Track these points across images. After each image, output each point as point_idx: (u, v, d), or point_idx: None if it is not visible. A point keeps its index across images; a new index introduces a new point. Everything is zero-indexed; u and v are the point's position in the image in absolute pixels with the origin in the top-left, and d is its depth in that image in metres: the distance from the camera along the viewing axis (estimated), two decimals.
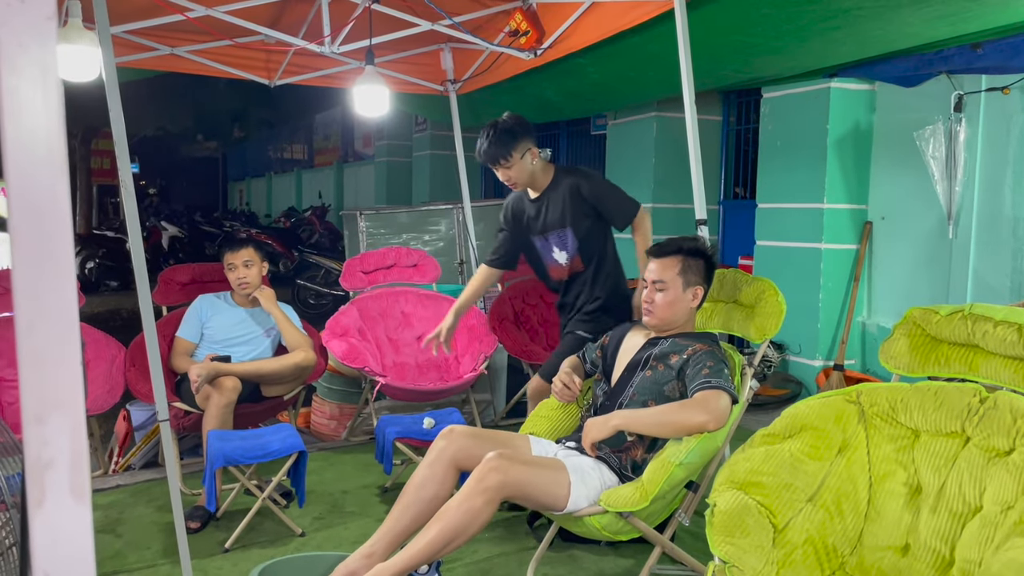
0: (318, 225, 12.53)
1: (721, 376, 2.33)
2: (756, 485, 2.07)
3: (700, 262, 2.53)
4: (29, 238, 0.45)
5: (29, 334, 0.45)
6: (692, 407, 2.28)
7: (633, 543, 2.79)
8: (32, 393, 0.45)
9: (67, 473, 0.46)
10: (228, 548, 2.98)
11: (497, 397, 4.96)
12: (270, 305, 3.68)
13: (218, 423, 3.31)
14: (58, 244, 0.46)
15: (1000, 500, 1.81)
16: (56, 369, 0.46)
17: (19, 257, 0.45)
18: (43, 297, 0.45)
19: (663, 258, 2.53)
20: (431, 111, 7.73)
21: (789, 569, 1.97)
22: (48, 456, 0.46)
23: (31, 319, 0.45)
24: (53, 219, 0.45)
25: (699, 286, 2.53)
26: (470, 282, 3.53)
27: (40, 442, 0.46)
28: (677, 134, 6.30)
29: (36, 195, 0.45)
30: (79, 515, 0.46)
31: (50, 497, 0.46)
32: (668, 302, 2.50)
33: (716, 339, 2.56)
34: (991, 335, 1.93)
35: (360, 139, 14.24)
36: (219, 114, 17.25)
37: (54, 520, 0.46)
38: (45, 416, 0.46)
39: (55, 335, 0.46)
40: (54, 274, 0.45)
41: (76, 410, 0.47)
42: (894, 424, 2.09)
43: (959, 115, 4.34)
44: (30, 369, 0.45)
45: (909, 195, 4.81)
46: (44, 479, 0.46)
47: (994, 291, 4.26)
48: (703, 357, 2.40)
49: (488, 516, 2.15)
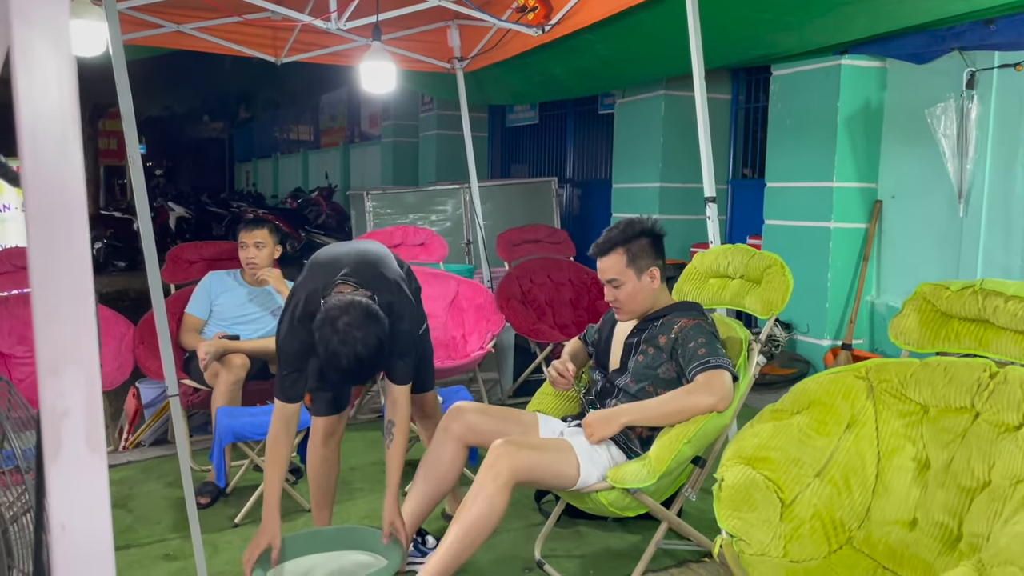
0: (325, 206, 12.52)
1: (717, 353, 2.31)
2: (764, 460, 2.07)
3: (644, 242, 2.45)
4: (42, 192, 0.45)
5: (43, 287, 0.45)
6: (698, 391, 2.25)
7: (640, 519, 2.81)
8: (47, 345, 0.46)
9: (83, 424, 0.46)
10: (238, 523, 3.01)
11: (504, 375, 4.97)
12: (278, 284, 3.68)
13: (227, 400, 3.33)
14: (71, 197, 0.45)
15: (1009, 474, 1.80)
16: (70, 322, 0.46)
17: (33, 210, 0.45)
18: (57, 250, 0.45)
19: (605, 256, 2.45)
20: (438, 89, 7.70)
21: (796, 543, 1.98)
22: (63, 407, 0.46)
23: (45, 272, 0.45)
24: (65, 172, 0.45)
25: (653, 266, 2.47)
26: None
27: (55, 393, 0.46)
28: (686, 113, 6.26)
29: (48, 148, 0.45)
30: (95, 465, 0.47)
31: (66, 448, 0.46)
32: (629, 295, 2.45)
33: (700, 308, 2.52)
34: (1002, 310, 1.92)
35: (366, 119, 14.19)
36: (225, 95, 17.22)
37: (70, 470, 0.46)
38: (60, 368, 0.46)
39: (69, 288, 0.46)
40: (67, 227, 0.45)
41: (91, 363, 0.47)
42: (903, 399, 2.09)
43: (971, 92, 4.30)
44: (44, 322, 0.45)
45: (919, 174, 4.77)
46: (60, 430, 0.46)
47: (1005, 270, 4.24)
48: (692, 333, 2.36)
49: (503, 503, 2.15)
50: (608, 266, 2.45)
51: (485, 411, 2.50)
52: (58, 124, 0.44)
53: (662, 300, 2.54)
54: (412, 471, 3.44)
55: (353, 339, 2.02)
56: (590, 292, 5.14)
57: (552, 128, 8.97)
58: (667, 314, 2.48)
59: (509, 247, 5.17)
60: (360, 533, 2.44)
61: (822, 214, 5.07)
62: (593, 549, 2.81)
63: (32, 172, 0.44)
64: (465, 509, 2.16)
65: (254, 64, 5.37)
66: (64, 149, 0.44)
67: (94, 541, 0.46)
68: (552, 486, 2.29)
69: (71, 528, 0.45)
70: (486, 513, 2.14)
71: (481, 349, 4.14)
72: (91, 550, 0.46)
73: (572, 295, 5.08)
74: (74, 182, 0.45)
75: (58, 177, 0.45)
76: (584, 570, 2.65)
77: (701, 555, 2.71)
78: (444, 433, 2.45)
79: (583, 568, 2.66)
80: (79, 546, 0.46)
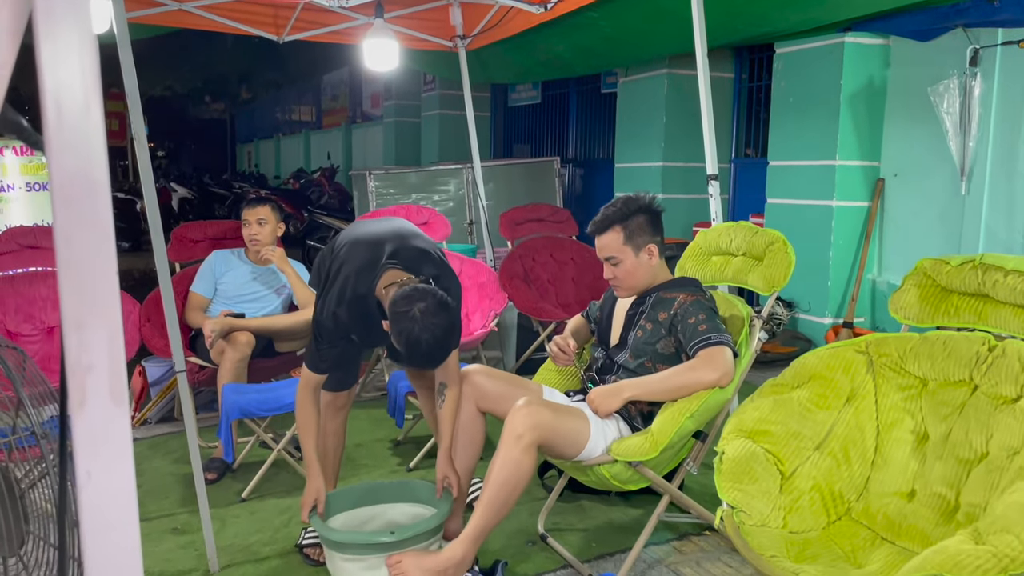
0: (327, 186, 12.50)
1: (718, 329, 2.33)
2: (764, 433, 2.10)
3: (641, 219, 2.46)
4: (66, 155, 0.47)
5: (68, 245, 0.47)
6: (701, 367, 2.28)
7: (641, 493, 2.84)
8: (71, 301, 0.47)
9: (107, 377, 0.48)
10: (245, 498, 3.05)
11: (507, 354, 5.00)
12: (282, 263, 3.70)
13: (232, 377, 3.36)
14: (93, 160, 0.47)
15: (1006, 446, 1.83)
16: (93, 279, 0.48)
17: (57, 173, 0.47)
18: (80, 210, 0.47)
19: (603, 234, 2.47)
20: (440, 68, 7.67)
21: (795, 514, 2.01)
22: (88, 361, 0.48)
23: (69, 231, 0.47)
24: (88, 136, 0.47)
25: (651, 243, 2.48)
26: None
27: (80, 348, 0.48)
28: (689, 91, 6.25)
29: (71, 113, 0.46)
30: (118, 417, 0.49)
31: (91, 399, 0.48)
32: (627, 272, 2.47)
33: (698, 283, 2.54)
34: (1001, 284, 1.94)
35: (368, 99, 14.15)
36: (227, 75, 17.17)
37: (94, 421, 0.48)
38: (84, 323, 0.48)
39: (93, 247, 0.48)
40: (90, 188, 0.47)
41: (113, 319, 0.49)
42: (902, 373, 2.11)
43: (974, 69, 4.29)
44: (69, 279, 0.47)
45: (922, 151, 4.77)
46: (85, 383, 0.48)
47: (1006, 247, 4.25)
48: (692, 309, 2.38)
49: (530, 462, 2.21)
50: (606, 243, 2.47)
51: (492, 374, 2.55)
52: (80, 90, 0.46)
53: (661, 276, 2.55)
54: (416, 449, 3.49)
55: (432, 325, 2.12)
56: (593, 271, 5.15)
57: (554, 107, 8.94)
58: (666, 289, 2.50)
59: (512, 226, 5.18)
60: (411, 486, 2.58)
61: (824, 193, 5.07)
62: (596, 522, 2.84)
63: (56, 136, 0.46)
64: (493, 473, 2.21)
65: (255, 43, 5.38)
66: (87, 114, 0.46)
67: (118, 487, 0.48)
68: (563, 453, 2.32)
69: (96, 475, 0.48)
70: (514, 475, 2.19)
71: (484, 327, 4.17)
72: (115, 495, 0.48)
73: (575, 274, 5.09)
74: (96, 146, 0.47)
75: (81, 141, 0.46)
76: (587, 543, 2.68)
77: (702, 528, 2.74)
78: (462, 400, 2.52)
79: (586, 541, 2.70)
80: (104, 491, 0.48)
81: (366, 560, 2.22)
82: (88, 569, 0.48)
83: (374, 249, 2.36)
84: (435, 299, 2.16)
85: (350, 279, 2.32)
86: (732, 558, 2.56)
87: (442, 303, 2.17)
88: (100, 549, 0.48)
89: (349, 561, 2.23)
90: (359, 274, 2.32)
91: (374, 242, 2.39)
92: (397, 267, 2.32)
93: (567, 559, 2.53)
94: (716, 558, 2.57)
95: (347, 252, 2.38)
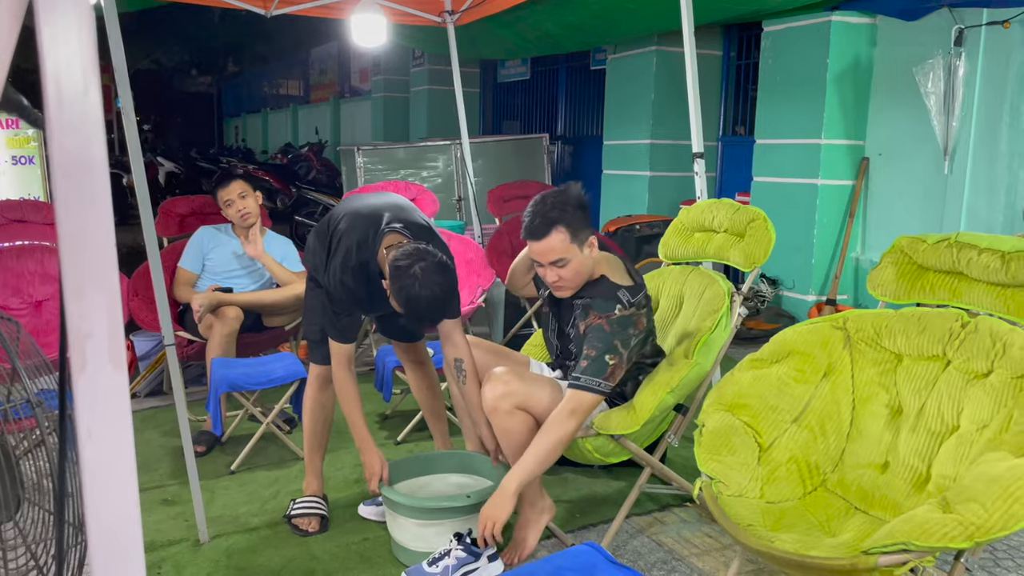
0: (315, 161, 12.45)
1: (595, 369, 2.23)
2: (743, 407, 2.15)
3: (579, 213, 2.29)
4: (66, 131, 0.49)
5: (68, 217, 0.50)
6: (563, 419, 2.22)
7: (624, 466, 2.90)
8: (72, 271, 0.50)
9: (106, 343, 0.52)
10: (234, 470, 3.09)
11: (495, 330, 5.04)
12: (259, 255, 3.70)
13: (221, 351, 3.39)
14: (92, 136, 0.50)
15: (977, 419, 1.88)
16: (93, 249, 0.51)
17: (57, 148, 0.49)
18: (80, 183, 0.50)
19: (546, 237, 2.25)
20: (428, 43, 7.65)
21: (772, 485, 2.06)
22: (87, 328, 0.51)
23: (69, 203, 0.50)
24: (86, 112, 0.49)
25: (589, 235, 2.32)
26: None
27: (80, 315, 0.51)
28: (677, 69, 6.26)
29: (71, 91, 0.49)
30: (117, 380, 0.52)
31: (91, 364, 0.51)
32: (575, 271, 2.31)
33: (619, 297, 2.34)
34: (975, 262, 1.99)
35: (357, 74, 14.06)
36: (214, 49, 16.99)
37: (95, 383, 0.51)
38: (84, 292, 0.51)
39: (92, 218, 0.50)
40: (89, 163, 0.50)
41: (112, 288, 0.52)
42: (878, 348, 2.16)
43: (959, 49, 4.32)
44: (69, 249, 0.50)
45: (906, 131, 4.81)
46: (85, 348, 0.51)
47: (987, 226, 4.31)
48: (592, 336, 2.28)
49: (520, 421, 2.31)
50: (551, 246, 2.25)
51: (478, 345, 2.59)
52: (79, 70, 0.48)
53: (598, 268, 2.41)
54: (404, 422, 3.54)
55: (432, 283, 2.19)
56: None
57: (544, 84, 8.93)
58: (592, 296, 2.36)
59: (499, 203, 5.20)
60: (462, 457, 2.74)
61: (810, 171, 5.12)
62: (579, 494, 2.90)
63: (56, 113, 0.48)
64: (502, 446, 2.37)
65: (243, 17, 5.34)
66: (86, 94, 0.48)
67: (117, 445, 0.51)
68: (541, 419, 2.37)
69: (96, 433, 0.51)
70: (515, 439, 2.32)
71: (472, 304, 4.20)
72: (114, 452, 0.51)
73: None
74: (94, 123, 0.49)
75: (80, 117, 0.49)
76: (571, 515, 2.74)
77: (683, 499, 2.81)
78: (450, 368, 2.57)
79: (570, 512, 2.75)
80: (104, 448, 0.51)
81: (443, 524, 2.37)
82: (90, 521, 0.51)
83: (373, 218, 2.42)
84: (435, 259, 2.23)
85: (352, 248, 2.38)
86: (712, 528, 2.62)
87: (442, 264, 2.24)
88: (101, 503, 0.51)
89: (424, 527, 2.37)
90: (360, 242, 2.38)
91: (372, 211, 2.45)
92: (396, 231, 2.38)
93: (551, 529, 2.58)
94: (696, 528, 2.64)
95: (347, 223, 2.43)
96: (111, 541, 0.52)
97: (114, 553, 0.52)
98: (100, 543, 0.51)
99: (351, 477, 3.03)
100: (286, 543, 2.54)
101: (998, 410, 1.84)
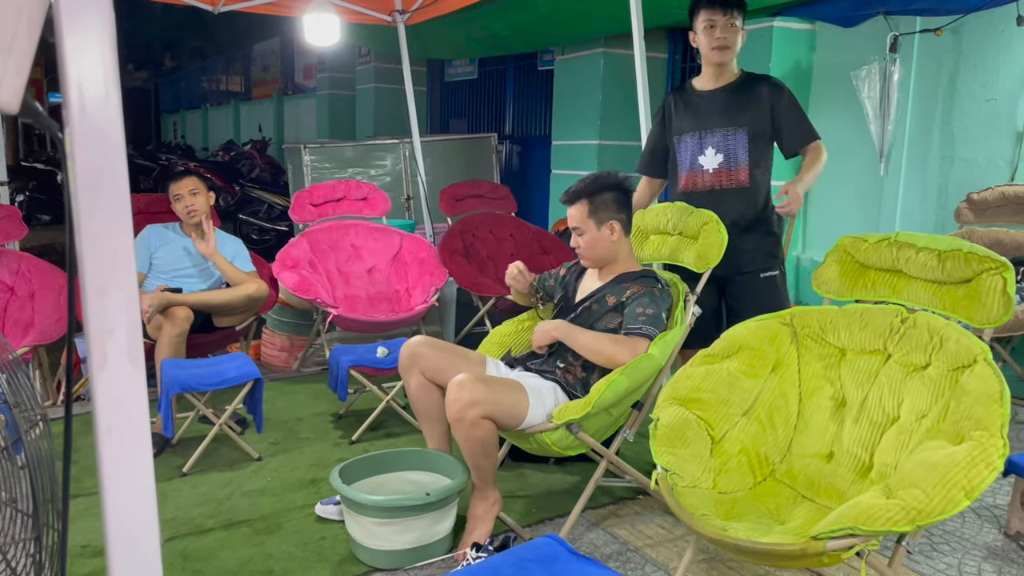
0: (259, 159, 12.26)
1: (654, 323, 2.49)
2: (696, 401, 2.22)
3: (609, 196, 2.60)
4: (87, 137, 0.51)
5: (90, 218, 0.51)
6: (623, 347, 2.46)
7: (579, 460, 2.96)
8: (93, 271, 0.52)
9: (125, 340, 0.53)
10: (186, 472, 3.05)
11: (447, 329, 5.06)
12: (211, 252, 3.66)
13: (171, 352, 3.34)
14: (112, 142, 0.52)
15: (916, 410, 1.99)
16: (114, 250, 0.53)
17: (80, 154, 0.51)
18: (101, 187, 0.52)
19: (571, 206, 2.62)
20: (377, 42, 7.62)
21: (724, 476, 2.14)
22: (109, 326, 0.53)
23: (91, 206, 0.51)
24: (107, 120, 0.51)
25: (614, 220, 2.60)
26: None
27: (102, 313, 0.53)
28: (624, 71, 6.35)
29: (92, 99, 0.51)
30: (135, 377, 0.54)
31: (111, 360, 0.53)
32: (588, 243, 2.61)
33: (656, 277, 2.67)
34: (913, 260, 2.09)
35: (301, 71, 13.88)
36: (150, 42, 16.58)
37: (114, 380, 0.53)
38: (106, 290, 0.53)
39: (113, 221, 0.52)
40: (110, 168, 0.52)
41: (131, 287, 0.53)
42: (823, 343, 2.26)
43: (894, 56, 4.50)
44: (91, 250, 0.52)
45: (845, 134, 4.98)
46: (106, 345, 0.53)
47: (920, 226, 4.50)
48: (642, 299, 2.53)
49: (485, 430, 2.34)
50: (572, 215, 2.62)
51: (434, 345, 2.62)
52: (100, 77, 0.50)
53: (624, 263, 2.67)
54: (359, 422, 3.54)
55: None
56: (531, 247, 5.25)
57: (491, 83, 8.96)
58: (624, 279, 2.64)
59: (452, 202, 5.23)
60: (421, 455, 2.74)
61: None
62: (536, 489, 2.95)
63: (78, 120, 0.50)
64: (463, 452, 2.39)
65: (181, 11, 5.24)
66: (106, 99, 0.50)
67: (135, 438, 0.53)
68: (505, 425, 2.41)
69: (116, 428, 0.53)
70: (479, 447, 2.36)
71: (425, 303, 4.22)
72: (133, 446, 0.53)
73: (513, 249, 5.18)
74: (115, 130, 0.51)
75: (102, 124, 0.51)
76: (528, 509, 2.78)
77: (636, 492, 2.88)
78: (407, 371, 2.61)
79: (527, 507, 2.80)
80: (123, 443, 0.53)
81: (402, 522, 2.38)
82: (108, 511, 0.53)
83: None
84: None
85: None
86: (665, 519, 2.70)
87: None
88: (120, 493, 0.53)
89: (383, 525, 2.38)
90: None
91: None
92: None
93: (509, 524, 2.62)
94: (650, 520, 2.71)
95: None
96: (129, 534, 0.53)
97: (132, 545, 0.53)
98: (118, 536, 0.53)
99: (306, 477, 3.03)
100: (242, 544, 2.53)
101: (936, 400, 1.94)
